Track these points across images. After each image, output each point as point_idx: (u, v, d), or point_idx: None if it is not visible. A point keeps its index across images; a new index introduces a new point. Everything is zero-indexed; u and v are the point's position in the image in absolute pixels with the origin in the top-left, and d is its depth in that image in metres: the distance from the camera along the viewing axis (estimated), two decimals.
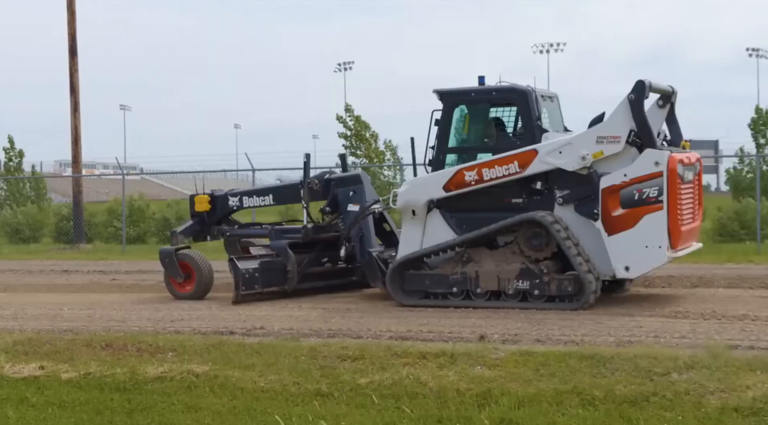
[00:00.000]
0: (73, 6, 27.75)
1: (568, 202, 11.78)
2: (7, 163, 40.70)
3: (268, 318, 11.58)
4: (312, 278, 13.83)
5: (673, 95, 12.29)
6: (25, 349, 9.58)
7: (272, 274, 13.30)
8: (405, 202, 12.47)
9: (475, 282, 11.94)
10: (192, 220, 15.04)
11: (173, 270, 13.97)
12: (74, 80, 27.84)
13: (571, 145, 11.70)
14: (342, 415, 6.98)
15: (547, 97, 12.71)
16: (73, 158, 28.58)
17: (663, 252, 11.30)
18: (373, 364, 8.34)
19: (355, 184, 13.83)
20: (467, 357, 8.41)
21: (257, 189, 15.27)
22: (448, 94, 12.55)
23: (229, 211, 14.89)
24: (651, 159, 11.30)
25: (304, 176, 14.03)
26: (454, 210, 12.30)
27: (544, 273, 11.63)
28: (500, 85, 12.47)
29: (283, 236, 13.93)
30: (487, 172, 11.97)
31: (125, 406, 7.48)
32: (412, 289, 12.35)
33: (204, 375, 8.22)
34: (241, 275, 12.96)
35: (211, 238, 15.21)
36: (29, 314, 12.55)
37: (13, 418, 7.20)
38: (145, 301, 13.66)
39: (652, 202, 11.23)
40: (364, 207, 13.50)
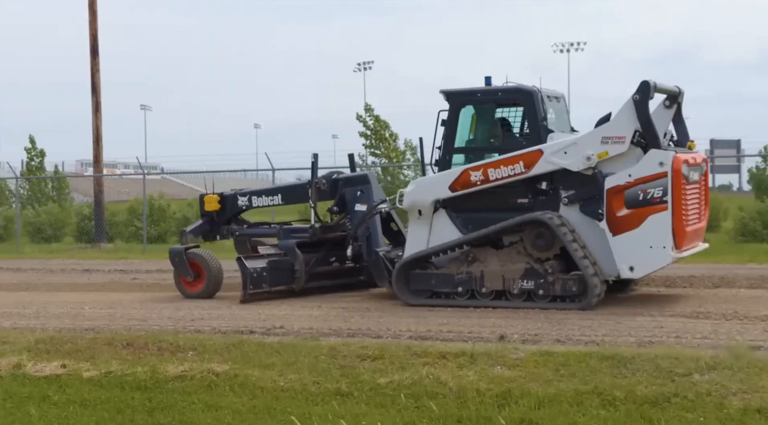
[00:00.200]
0: (95, 6, 27.88)
1: (573, 202, 11.83)
2: (29, 162, 41.03)
3: (288, 317, 11.60)
4: (320, 277, 13.90)
5: (680, 96, 12.33)
6: (47, 348, 9.65)
7: (280, 273, 13.40)
8: (411, 201, 12.55)
9: (480, 281, 12.02)
10: (202, 220, 15.18)
11: (183, 269, 14.09)
12: (96, 80, 27.98)
13: (576, 145, 11.74)
14: (362, 415, 6.99)
15: (553, 97, 12.74)
16: (95, 158, 28.73)
17: (668, 252, 11.30)
18: (393, 364, 8.34)
19: (362, 184, 13.91)
20: (487, 357, 8.40)
21: (266, 189, 15.38)
22: (454, 95, 12.62)
23: (239, 210, 15.00)
24: (655, 159, 11.31)
25: (311, 176, 14.15)
26: (460, 210, 12.36)
27: (548, 273, 11.69)
28: (506, 86, 12.51)
29: (292, 236, 14.00)
30: (493, 172, 12.03)
31: (146, 405, 7.51)
32: (418, 289, 12.42)
33: (224, 374, 8.25)
34: (249, 274, 13.06)
35: (220, 238, 15.33)
36: (51, 313, 12.64)
37: (36, 416, 7.25)
38: (166, 300, 13.72)
39: (656, 203, 11.25)
40: (371, 206, 13.56)
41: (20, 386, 8.24)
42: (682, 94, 12.37)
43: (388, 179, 27.85)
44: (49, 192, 39.44)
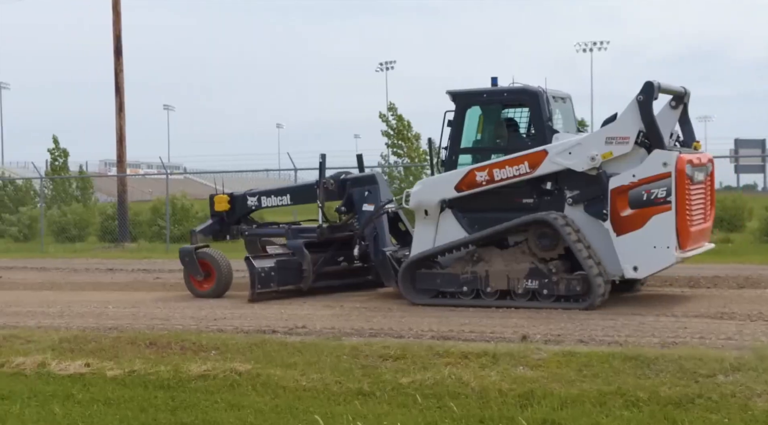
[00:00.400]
0: (118, 7, 28.04)
1: (578, 203, 11.87)
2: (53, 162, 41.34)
3: (310, 317, 11.62)
4: (327, 277, 13.98)
5: (686, 96, 12.33)
6: (71, 347, 9.72)
7: (288, 273, 13.49)
8: (417, 201, 12.63)
9: (485, 281, 12.07)
10: (212, 220, 15.34)
11: (193, 268, 14.21)
12: (119, 80, 28.14)
13: (581, 145, 11.77)
14: (384, 415, 6.98)
15: (559, 97, 12.79)
16: (118, 158, 28.92)
17: (671, 252, 11.31)
18: (415, 364, 8.34)
19: (370, 184, 14.01)
20: (509, 357, 8.37)
21: (275, 189, 15.42)
22: (460, 95, 12.69)
23: (248, 210, 15.15)
24: (659, 159, 11.33)
25: (319, 176, 14.27)
26: (466, 210, 12.43)
27: (552, 272, 11.71)
28: (511, 86, 12.55)
29: (300, 235, 14.10)
30: (498, 172, 12.10)
31: (169, 404, 7.54)
32: (424, 288, 12.48)
33: (246, 373, 8.27)
34: (256, 274, 13.15)
35: (230, 238, 15.45)
36: (75, 312, 12.72)
37: (60, 414, 7.30)
38: (189, 300, 13.78)
39: (660, 203, 11.26)
40: (378, 206, 13.65)
41: (45, 384, 8.30)
42: (688, 95, 12.40)
43: (411, 179, 27.78)
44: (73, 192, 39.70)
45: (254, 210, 15.26)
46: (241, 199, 15.07)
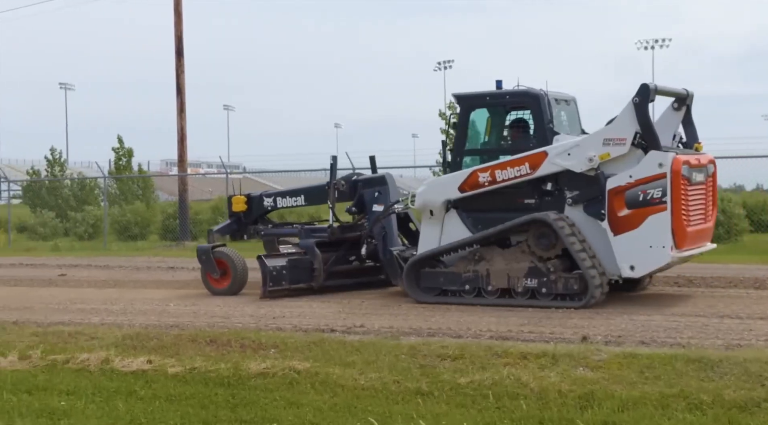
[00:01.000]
0: (180, 8, 28.41)
1: (578, 203, 12.06)
2: (117, 162, 42.06)
3: (368, 316, 11.64)
4: (338, 276, 14.27)
5: (688, 98, 12.54)
6: (133, 343, 9.87)
7: (299, 271, 13.81)
8: (423, 202, 12.92)
9: (487, 280, 12.32)
10: (230, 220, 15.78)
11: (210, 266, 14.58)
12: (180, 81, 28.51)
13: (579, 147, 11.96)
14: (442, 414, 6.97)
15: (562, 100, 12.99)
16: (179, 157, 29.29)
17: (667, 252, 11.46)
18: (474, 364, 8.31)
19: (380, 185, 14.29)
20: (569, 358, 8.30)
21: (290, 190, 15.77)
22: (464, 98, 12.97)
23: (265, 211, 15.56)
24: (655, 160, 11.47)
25: (330, 177, 14.60)
26: (470, 210, 12.68)
27: (551, 271, 11.91)
28: (514, 89, 12.80)
29: (312, 235, 14.40)
30: (500, 173, 12.35)
31: (229, 401, 7.62)
32: (428, 286, 12.76)
33: (305, 371, 8.31)
34: (268, 272, 13.52)
35: (247, 237, 15.87)
36: (137, 309, 12.92)
37: (123, 410, 7.42)
38: (248, 298, 13.89)
39: (656, 203, 11.42)
40: (386, 206, 13.90)
41: (108, 380, 8.44)
42: (691, 97, 12.58)
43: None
44: (135, 191, 40.37)
45: (270, 210, 15.68)
46: (258, 200, 15.53)
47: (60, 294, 15.12)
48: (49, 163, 44.67)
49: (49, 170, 44.67)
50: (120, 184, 39.94)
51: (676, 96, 12.47)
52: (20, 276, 18.80)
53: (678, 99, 12.52)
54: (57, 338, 10.36)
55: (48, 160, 44.61)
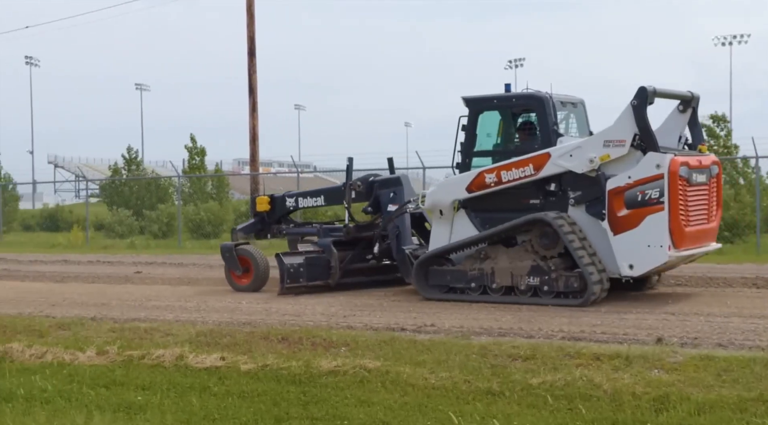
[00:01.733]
0: (252, 9, 28.69)
1: (580, 203, 12.38)
2: (190, 161, 42.73)
3: (439, 315, 11.62)
4: (355, 274, 14.76)
5: (693, 100, 12.85)
6: (207, 340, 10.01)
7: (316, 269, 14.33)
8: (432, 202, 13.37)
9: (491, 277, 12.68)
10: (254, 219, 16.35)
11: (233, 264, 15.11)
12: (252, 81, 28.80)
13: (581, 148, 12.27)
14: (513, 415, 6.92)
15: (569, 103, 13.35)
16: (251, 156, 29.57)
17: (664, 251, 11.70)
18: (545, 364, 8.23)
19: (395, 186, 14.71)
20: (643, 359, 8.17)
21: (311, 191, 16.38)
22: (472, 101, 13.32)
23: (287, 211, 16.17)
24: (653, 162, 11.73)
25: (346, 178, 15.17)
26: (478, 210, 13.08)
27: (552, 270, 12.21)
28: (519, 93, 13.21)
29: (330, 234, 14.94)
30: (506, 174, 12.70)
31: (301, 398, 7.67)
32: (435, 284, 13.17)
33: (376, 370, 8.33)
34: (286, 269, 14.08)
35: (271, 236, 16.53)
36: (211, 307, 13.10)
37: (197, 406, 7.53)
38: (319, 297, 13.98)
39: (653, 203, 11.68)
40: (399, 206, 14.31)
41: (183, 376, 8.57)
42: (696, 99, 12.88)
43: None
44: (208, 190, 40.96)
45: (293, 210, 16.27)
46: (281, 200, 16.11)
47: (136, 291, 15.43)
48: (126, 162, 45.61)
49: (126, 169, 45.61)
50: (193, 182, 40.56)
51: (678, 98, 12.73)
52: (98, 273, 19.24)
53: (683, 101, 12.75)
54: (133, 334, 10.57)
55: (125, 158, 45.54)
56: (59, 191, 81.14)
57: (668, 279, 14.33)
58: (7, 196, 43.91)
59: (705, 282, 14.15)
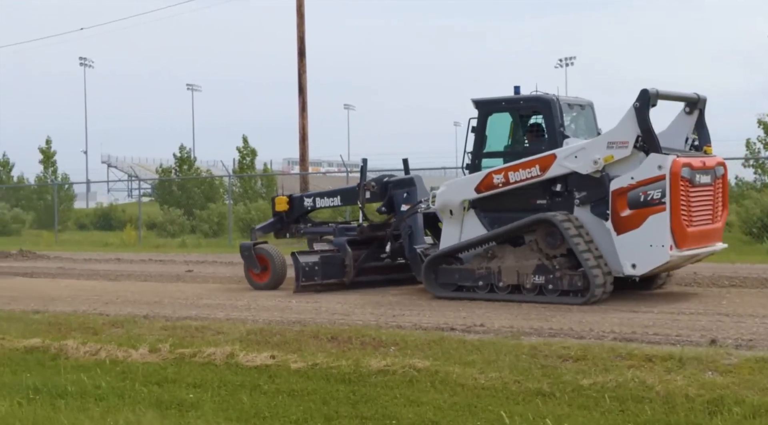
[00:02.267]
0: (302, 9, 28.84)
1: (585, 203, 12.59)
2: (241, 161, 43.10)
3: (488, 315, 11.58)
4: (369, 272, 15.05)
5: (700, 102, 12.99)
6: (257, 339, 10.08)
7: (331, 268, 14.65)
8: (442, 202, 13.65)
9: (498, 276, 12.90)
10: (273, 219, 16.70)
11: (251, 262, 15.50)
12: (302, 81, 28.95)
13: (585, 150, 12.50)
14: (564, 416, 6.87)
15: (576, 105, 13.61)
16: (301, 156, 29.74)
17: (666, 251, 11.87)
18: (596, 365, 8.15)
19: (408, 187, 14.97)
20: (697, 361, 8.05)
21: (328, 191, 16.81)
22: (482, 103, 13.62)
23: (305, 210, 16.46)
24: (655, 163, 11.92)
25: (360, 179, 15.63)
26: (487, 210, 13.35)
27: (556, 268, 12.42)
28: (526, 95, 13.38)
29: (346, 234, 15.24)
30: (513, 174, 12.97)
31: (350, 397, 7.69)
32: (444, 282, 13.44)
33: (425, 370, 8.31)
34: (301, 268, 14.39)
35: (290, 235, 16.76)
36: (261, 306, 13.19)
37: (247, 404, 7.59)
38: (368, 296, 14.00)
39: (655, 204, 11.86)
40: (410, 206, 14.62)
41: (233, 374, 8.64)
42: (702, 101, 13.02)
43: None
44: (258, 189, 41.27)
45: (311, 210, 16.53)
46: (299, 200, 16.47)
47: (187, 290, 15.60)
48: (177, 162, 46.14)
49: (178, 169, 46.14)
50: (243, 182, 40.89)
51: (683, 100, 12.94)
52: (150, 271, 19.49)
53: (689, 103, 12.93)
54: (185, 332, 10.68)
55: (176, 158, 46.06)
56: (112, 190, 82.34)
57: (722, 280, 14.13)
58: (63, 196, 44.69)
59: (761, 283, 13.91)
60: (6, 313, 12.85)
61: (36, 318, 12.25)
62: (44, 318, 12.27)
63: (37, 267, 21.60)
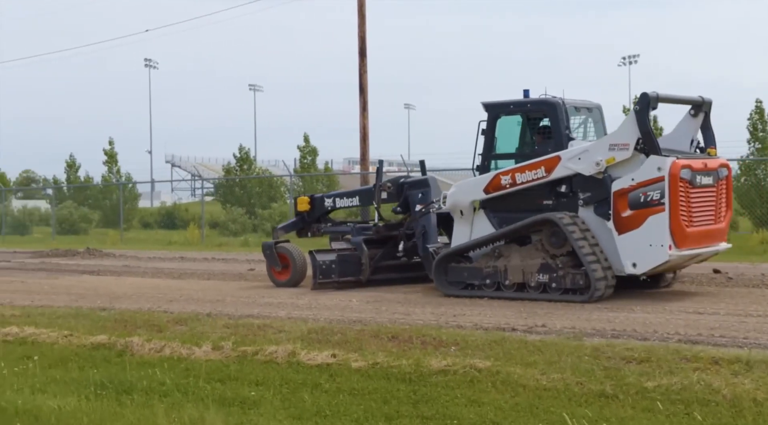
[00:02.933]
0: (364, 10, 28.89)
1: (589, 204, 12.93)
2: (302, 160, 43.38)
3: (550, 315, 11.49)
4: (385, 270, 15.53)
5: (705, 105, 13.25)
6: (318, 338, 10.13)
7: (348, 266, 15.13)
8: (453, 203, 14.09)
9: (504, 274, 13.33)
10: (295, 218, 17.36)
11: (273, 260, 16.12)
12: (363, 81, 29.00)
13: (588, 152, 12.88)
14: (627, 418, 6.78)
15: (583, 108, 14.02)
16: (361, 156, 29.79)
17: (665, 250, 12.15)
18: (661, 368, 8.03)
19: (423, 187, 15.38)
20: (765, 364, 7.89)
21: (347, 191, 17.53)
22: (491, 106, 14.06)
23: (326, 210, 16.99)
24: (654, 165, 12.24)
25: (376, 180, 16.05)
26: (496, 210, 13.77)
27: (560, 267, 12.77)
28: (533, 98, 13.79)
29: (363, 233, 15.64)
30: (520, 176, 13.37)
31: (411, 397, 7.69)
32: (453, 280, 13.87)
33: (486, 370, 8.27)
34: (318, 266, 14.90)
35: (311, 234, 17.26)
36: (322, 304, 13.27)
37: (309, 402, 7.63)
38: (429, 295, 14.00)
39: (655, 204, 12.17)
40: (423, 206, 15.04)
41: (295, 373, 8.70)
42: (707, 104, 13.28)
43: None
44: (319, 188, 41.49)
45: (331, 210, 17.06)
46: (320, 201, 16.96)
47: (249, 288, 15.75)
48: (238, 162, 46.60)
49: (239, 168, 46.61)
50: (304, 181, 41.16)
51: (686, 103, 13.23)
52: (213, 270, 19.73)
53: (694, 106, 13.21)
54: (247, 330, 10.78)
55: (236, 158, 46.53)
56: (176, 190, 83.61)
57: None
58: (128, 195, 45.44)
59: None
60: (74, 310, 13.13)
61: (102, 316, 12.49)
62: (110, 315, 12.50)
63: (103, 266, 22.03)
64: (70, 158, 53.38)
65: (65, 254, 26.38)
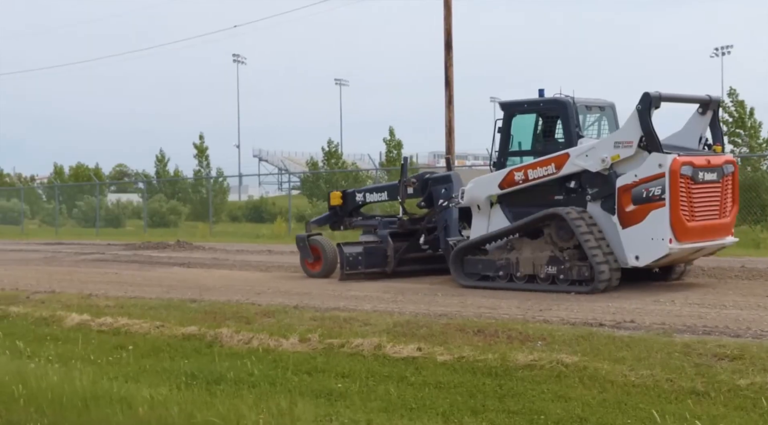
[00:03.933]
0: (450, 2, 28.81)
1: (596, 199, 13.46)
2: (388, 153, 43.51)
3: (639, 311, 11.30)
4: (409, 262, 16.19)
5: (712, 103, 13.65)
6: (404, 331, 10.18)
7: (374, 258, 15.90)
8: (470, 198, 14.73)
9: (516, 266, 13.90)
10: (328, 212, 18.00)
11: (306, 252, 16.89)
12: (449, 74, 28.91)
13: (594, 149, 13.38)
14: (719, 417, 6.65)
15: (595, 106, 14.49)
16: (447, 149, 29.69)
17: (665, 244, 12.63)
18: (755, 365, 7.84)
19: (446, 183, 15.91)
20: None
21: (377, 186, 18.27)
22: (507, 105, 14.75)
23: (357, 205, 17.64)
24: (655, 162, 12.71)
25: (401, 175, 16.60)
26: (512, 205, 14.33)
27: (567, 260, 13.31)
28: (545, 98, 14.28)
29: (389, 226, 16.31)
30: (532, 172, 13.96)
31: (496, 391, 7.67)
32: (469, 272, 14.49)
33: (573, 365, 8.21)
34: (345, 258, 15.67)
35: (344, 228, 17.95)
36: (407, 298, 13.31)
37: (394, 395, 7.68)
38: (514, 290, 13.90)
39: (656, 200, 12.64)
40: (444, 201, 15.53)
41: (381, 366, 8.76)
42: (715, 102, 13.73)
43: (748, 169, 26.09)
44: None
45: (362, 205, 17.74)
46: (351, 195, 17.60)
47: (335, 281, 15.89)
48: (325, 156, 46.97)
49: (326, 162, 46.98)
50: (390, 175, 41.26)
51: (692, 102, 13.60)
52: (299, 263, 19.90)
53: (702, 104, 13.57)
54: (333, 323, 10.89)
55: (324, 152, 46.90)
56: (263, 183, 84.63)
57: None
58: (217, 188, 46.28)
59: None
60: (165, 301, 13.45)
61: (193, 307, 12.76)
62: (200, 306, 12.77)
63: (193, 258, 22.49)
64: (160, 153, 54.62)
65: (156, 246, 27.03)
